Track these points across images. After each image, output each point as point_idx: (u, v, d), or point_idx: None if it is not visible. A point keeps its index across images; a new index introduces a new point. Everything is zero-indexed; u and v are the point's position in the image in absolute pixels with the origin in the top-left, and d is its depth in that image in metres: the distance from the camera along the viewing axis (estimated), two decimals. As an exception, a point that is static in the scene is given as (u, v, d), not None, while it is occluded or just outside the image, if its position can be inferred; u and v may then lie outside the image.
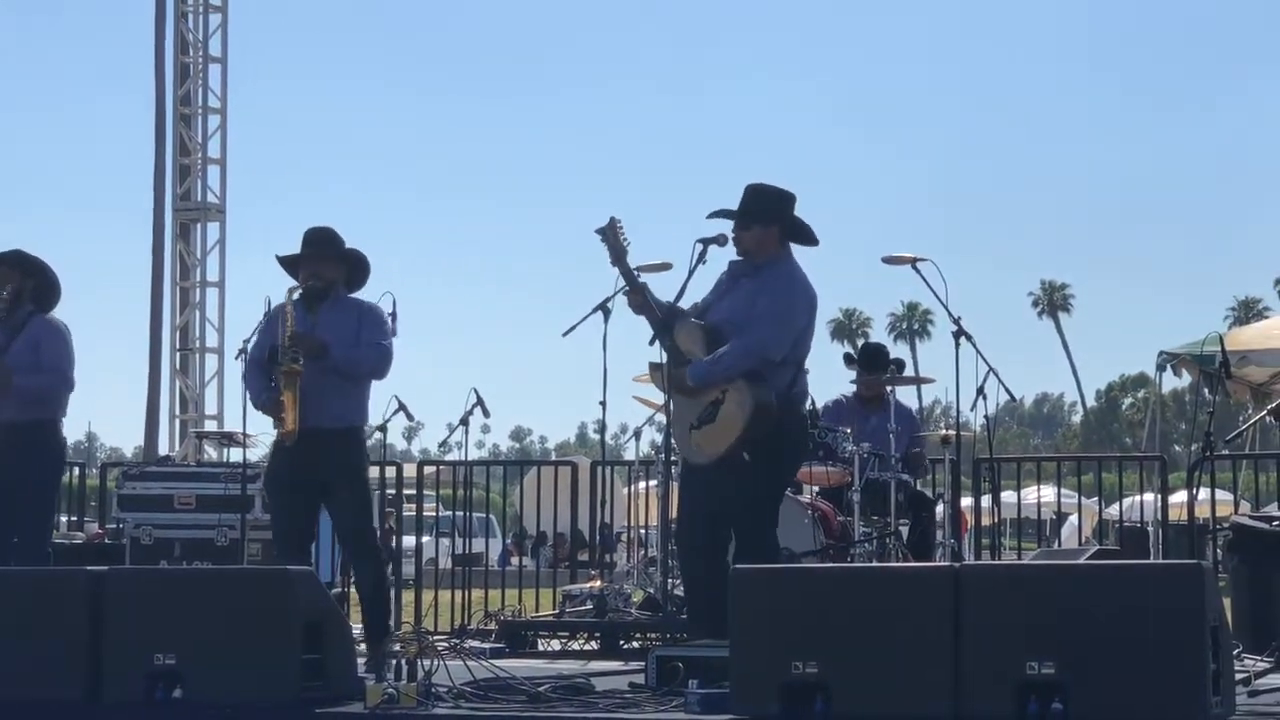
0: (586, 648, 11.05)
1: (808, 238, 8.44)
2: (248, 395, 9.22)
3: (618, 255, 8.47)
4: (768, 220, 8.33)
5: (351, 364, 8.94)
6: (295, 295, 9.03)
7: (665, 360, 8.33)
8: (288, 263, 9.18)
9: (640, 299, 8.37)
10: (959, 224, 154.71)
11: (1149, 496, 15.88)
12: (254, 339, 9.32)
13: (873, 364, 11.94)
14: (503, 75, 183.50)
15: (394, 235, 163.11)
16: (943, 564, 9.35)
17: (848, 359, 12.14)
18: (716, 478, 8.15)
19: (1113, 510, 19.09)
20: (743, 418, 8.10)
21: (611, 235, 8.46)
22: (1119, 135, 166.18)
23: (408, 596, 13.54)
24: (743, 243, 8.35)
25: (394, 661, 6.91)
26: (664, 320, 8.32)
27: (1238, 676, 6.75)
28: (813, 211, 8.46)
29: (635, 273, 8.51)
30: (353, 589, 12.28)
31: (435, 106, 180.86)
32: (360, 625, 9.11)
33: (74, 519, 15.80)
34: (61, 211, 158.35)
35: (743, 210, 8.34)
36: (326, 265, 9.08)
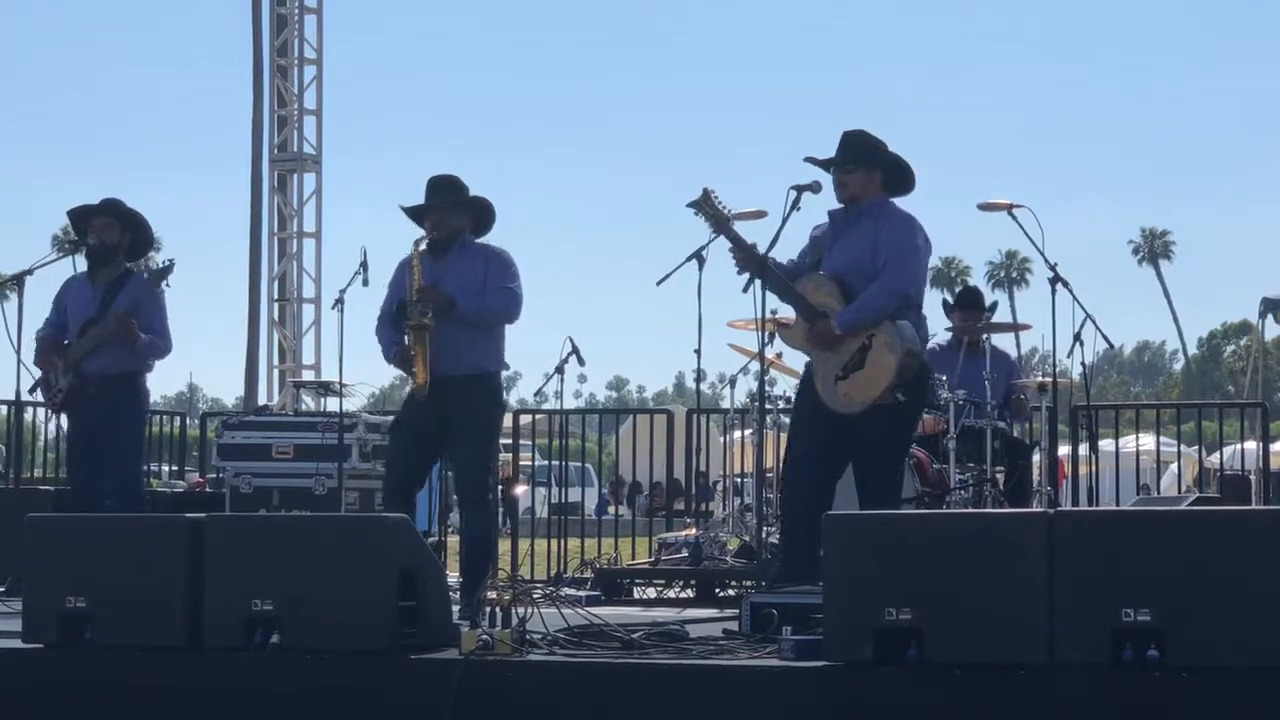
0: (682, 595, 11.09)
1: (907, 183, 8.42)
2: (380, 349, 9.22)
3: (720, 224, 8.41)
4: (871, 163, 8.33)
5: (478, 314, 8.93)
6: (422, 246, 9.03)
7: (795, 316, 8.28)
8: (413, 212, 9.17)
9: (760, 265, 8.28)
10: (1058, 170, 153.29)
11: (1250, 444, 15.74)
12: (344, 300, 9.38)
13: (970, 304, 11.91)
14: (599, 23, 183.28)
15: (489, 183, 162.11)
16: (1037, 510, 9.30)
17: (946, 306, 12.10)
18: (866, 424, 8.17)
19: (1214, 459, 18.93)
20: (895, 360, 8.14)
21: (707, 206, 8.40)
22: (1220, 79, 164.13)
23: (504, 545, 13.61)
24: (848, 186, 8.33)
25: (489, 609, 6.94)
26: (788, 283, 8.28)
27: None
28: (909, 156, 8.43)
29: (745, 238, 8.43)
30: (450, 537, 12.39)
31: (530, 55, 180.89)
32: (457, 574, 9.17)
33: (175, 468, 16.00)
34: (160, 164, 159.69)
35: (850, 153, 8.32)
36: (451, 214, 9.05)
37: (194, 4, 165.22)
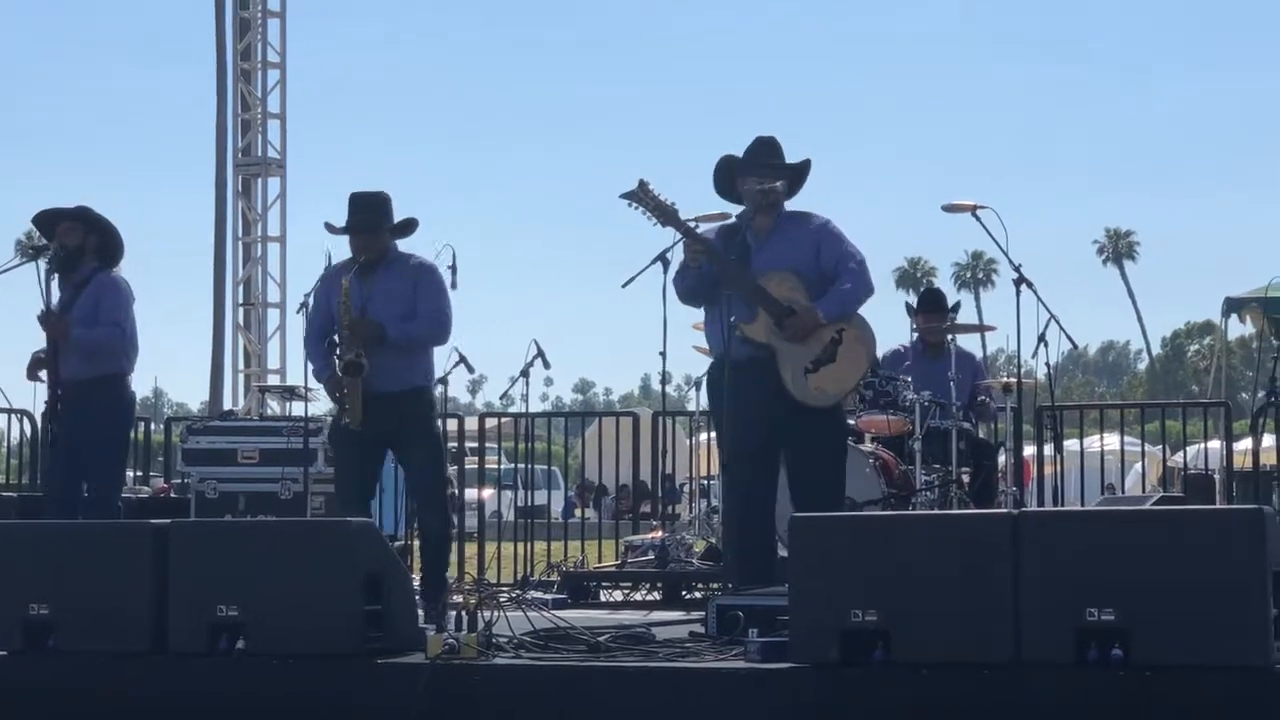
0: (648, 598, 11.10)
1: (801, 185, 8.58)
2: (310, 368, 9.30)
3: (665, 214, 8.41)
4: (786, 171, 8.48)
5: (409, 339, 8.99)
6: (353, 268, 9.02)
7: (764, 311, 8.28)
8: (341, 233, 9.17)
9: (708, 251, 8.31)
10: (1023, 171, 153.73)
11: (1214, 444, 15.78)
12: (310, 303, 9.38)
13: (934, 306, 11.92)
14: (569, 22, 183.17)
15: (455, 186, 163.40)
16: (1002, 511, 9.32)
17: (910, 308, 12.10)
18: (824, 417, 8.29)
19: (1178, 458, 19.01)
20: (868, 353, 8.41)
21: (645, 197, 8.38)
22: (1184, 80, 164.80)
23: (471, 549, 13.60)
24: (780, 194, 8.43)
25: (455, 612, 6.94)
26: (750, 275, 8.28)
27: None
28: (875, 159, 8.50)
29: (694, 227, 8.47)
30: (415, 541, 12.36)
31: (495, 56, 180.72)
32: (418, 577, 9.16)
33: (140, 474, 15.93)
34: (124, 169, 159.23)
35: (775, 161, 8.43)
36: (375, 239, 9.08)
37: (156, 8, 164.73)
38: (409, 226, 9.21)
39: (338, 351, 8.97)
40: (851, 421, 10.82)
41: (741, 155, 8.48)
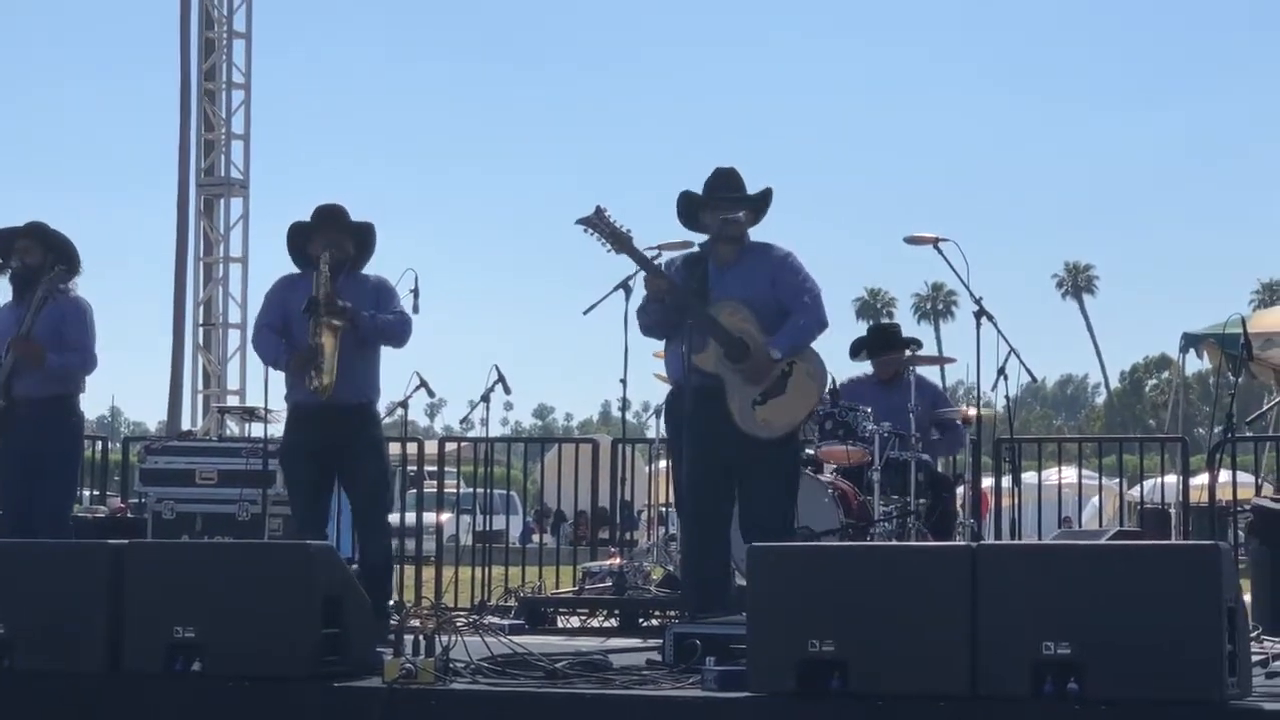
0: (605, 625, 11.09)
1: (764, 215, 8.61)
2: (263, 358, 9.25)
3: (620, 242, 8.41)
4: (749, 203, 8.49)
5: (378, 331, 8.95)
6: (324, 266, 9.00)
7: (714, 341, 8.29)
8: (300, 235, 9.17)
9: (665, 282, 8.33)
10: (983, 205, 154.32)
11: (1170, 478, 15.87)
12: (262, 306, 9.34)
13: (882, 343, 11.90)
14: (530, 52, 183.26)
15: (417, 210, 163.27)
16: (960, 543, 9.35)
17: (853, 350, 11.99)
18: (779, 450, 8.28)
19: (1135, 492, 19.09)
20: (817, 387, 8.40)
21: (601, 224, 8.38)
22: (1143, 116, 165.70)
23: (428, 573, 13.58)
24: (743, 225, 8.46)
25: (412, 637, 6.93)
26: (702, 306, 8.29)
27: (1256, 658, 6.74)
28: (837, 190, 8.53)
29: (648, 255, 8.50)
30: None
31: (457, 81, 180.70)
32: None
33: (96, 493, 15.85)
34: (86, 187, 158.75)
35: (738, 193, 8.46)
36: (343, 239, 9.09)
37: (122, 25, 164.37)
38: (369, 242, 9.21)
39: (316, 311, 8.81)
40: (810, 451, 10.85)
41: (702, 188, 8.52)
